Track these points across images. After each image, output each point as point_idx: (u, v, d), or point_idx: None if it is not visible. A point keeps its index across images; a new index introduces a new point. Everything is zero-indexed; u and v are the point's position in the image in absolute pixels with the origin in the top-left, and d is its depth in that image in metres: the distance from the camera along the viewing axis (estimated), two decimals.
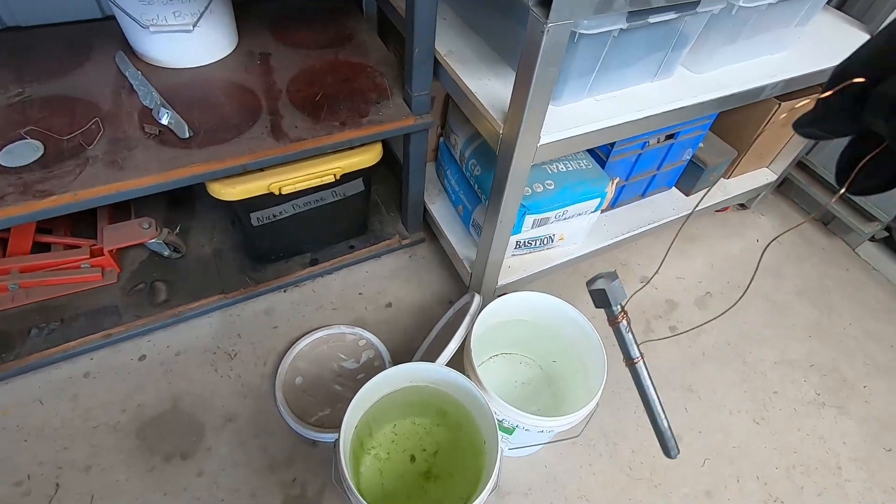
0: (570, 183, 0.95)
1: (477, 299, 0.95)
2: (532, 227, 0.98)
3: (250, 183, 0.87)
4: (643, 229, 1.19)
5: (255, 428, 0.94)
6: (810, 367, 1.15)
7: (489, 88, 0.81)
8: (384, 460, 0.89)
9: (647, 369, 0.61)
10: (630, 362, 0.60)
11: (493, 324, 0.94)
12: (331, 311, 1.12)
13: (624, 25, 0.68)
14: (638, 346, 0.59)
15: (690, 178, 1.23)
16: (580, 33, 0.67)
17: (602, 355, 0.83)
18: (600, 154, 1.03)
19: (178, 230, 1.09)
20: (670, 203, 1.24)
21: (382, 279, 1.19)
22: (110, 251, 1.01)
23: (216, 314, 1.08)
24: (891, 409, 1.09)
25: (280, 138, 0.84)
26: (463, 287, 1.16)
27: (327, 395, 0.98)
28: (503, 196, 0.80)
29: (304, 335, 1.06)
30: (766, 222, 1.46)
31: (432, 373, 0.80)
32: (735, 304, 1.24)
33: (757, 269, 1.30)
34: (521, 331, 0.97)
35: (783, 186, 1.51)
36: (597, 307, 0.59)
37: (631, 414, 1.03)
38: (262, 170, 0.88)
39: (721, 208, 1.41)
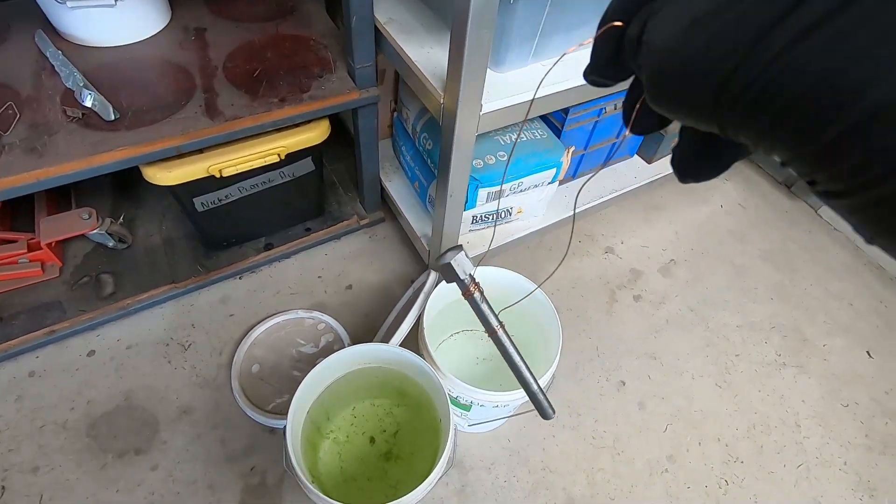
0: (524, 154, 0.92)
1: (432, 277, 0.93)
2: (487, 201, 0.95)
3: (188, 166, 0.83)
4: (605, 199, 1.17)
5: (211, 419, 0.92)
6: (772, 329, 1.16)
7: (432, 57, 0.78)
8: (343, 443, 0.87)
9: (508, 336, 0.60)
10: (491, 333, 0.59)
11: (452, 300, 0.92)
12: (289, 296, 1.09)
13: None
14: (496, 315, 0.58)
15: (651, 145, 1.22)
16: None
17: (557, 326, 0.82)
18: (556, 123, 1.01)
19: (122, 219, 1.05)
20: (632, 171, 1.23)
21: (342, 261, 1.16)
22: (49, 244, 0.96)
23: (169, 305, 1.05)
24: (848, 366, 1.11)
25: (215, 117, 0.80)
26: (424, 266, 1.14)
27: (285, 382, 0.96)
28: (450, 169, 0.77)
29: (260, 322, 1.03)
30: (731, 187, 1.45)
31: (385, 353, 0.79)
32: (699, 271, 1.24)
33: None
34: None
35: None
36: (448, 282, 0.58)
37: (594, 384, 1.03)
38: (200, 152, 0.84)
39: None
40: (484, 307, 0.57)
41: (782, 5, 0.12)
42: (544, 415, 0.59)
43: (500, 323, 0.58)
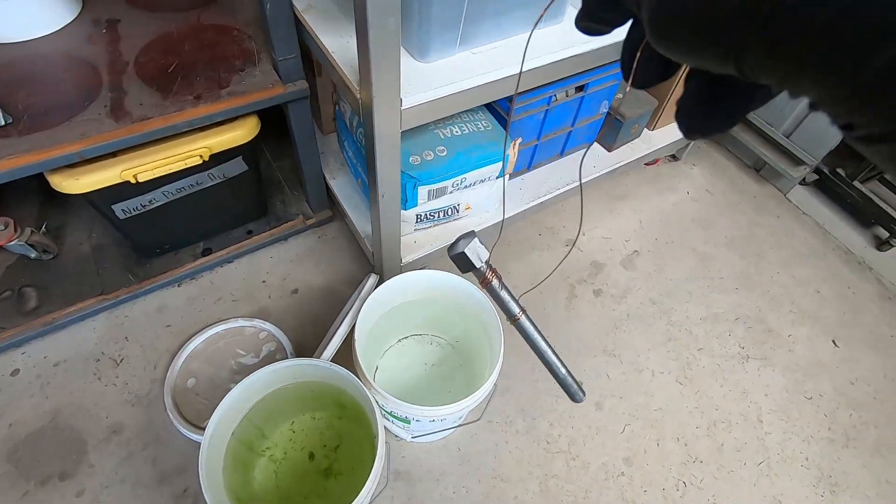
0: (465, 148, 0.87)
1: (371, 280, 0.88)
2: (430, 199, 0.90)
3: (98, 172, 0.77)
4: (563, 190, 1.12)
5: (143, 438, 0.87)
6: (736, 320, 1.12)
7: (350, 47, 0.72)
8: (280, 461, 0.83)
9: (531, 322, 0.55)
10: (513, 320, 0.54)
11: (398, 304, 0.87)
12: (231, 304, 1.04)
13: None
14: (517, 301, 0.54)
15: (611, 132, 1.16)
16: None
17: (497, 326, 0.77)
18: (502, 112, 0.95)
19: (44, 228, 0.98)
20: (591, 160, 1.18)
21: (288, 264, 1.10)
22: None
23: (100, 317, 0.99)
24: (813, 356, 1.08)
25: (121, 119, 0.74)
26: (372, 267, 1.09)
27: (222, 396, 0.91)
28: (376, 168, 0.72)
29: (198, 332, 0.97)
30: (699, 173, 1.41)
31: (312, 369, 0.74)
32: (662, 261, 1.20)
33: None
34: (428, 310, 0.91)
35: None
36: (464, 272, 0.53)
37: (550, 386, 0.99)
38: (113, 156, 0.78)
39: (650, 161, 1.36)
40: (504, 294, 0.53)
41: None
42: (573, 397, 0.56)
43: (522, 309, 0.53)
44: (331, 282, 1.09)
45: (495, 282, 0.52)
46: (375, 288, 0.82)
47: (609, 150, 1.20)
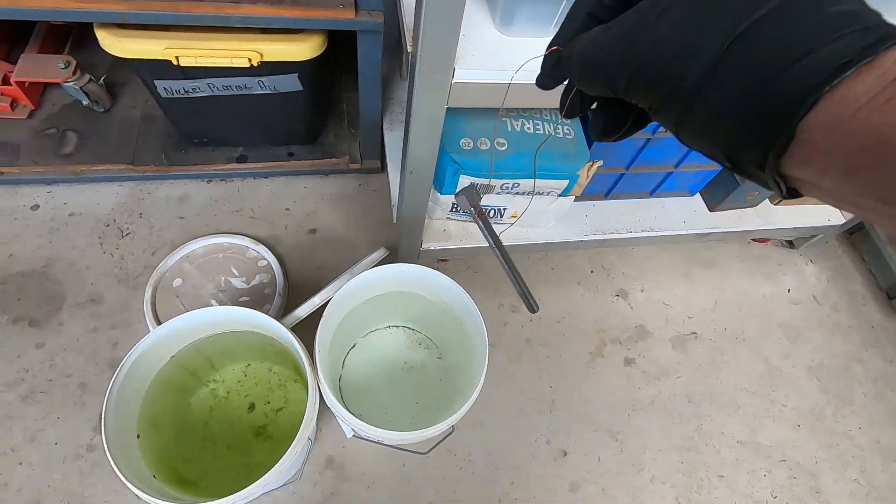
0: (530, 151, 0.72)
1: (377, 254, 0.78)
2: None
3: (141, 41, 0.72)
4: (636, 235, 0.94)
5: (114, 318, 0.86)
6: (780, 462, 0.92)
7: None
8: (221, 398, 0.78)
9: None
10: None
11: (392, 291, 0.77)
12: (247, 220, 0.99)
13: None
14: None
15: (720, 189, 0.95)
16: None
17: (483, 354, 0.65)
18: None
19: (102, 80, 0.97)
20: (683, 213, 0.98)
21: (318, 200, 1.03)
22: (20, 83, 0.90)
23: (126, 186, 0.98)
24: None
25: None
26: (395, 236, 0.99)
27: (200, 306, 0.87)
28: (409, 140, 0.60)
29: (204, 235, 0.94)
30: (813, 272, 1.15)
31: (269, 324, 0.66)
32: (721, 358, 1.00)
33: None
34: (425, 308, 0.80)
35: (856, 234, 1.18)
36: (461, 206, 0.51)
37: (530, 441, 0.87)
38: (162, 30, 0.72)
39: (759, 238, 1.12)
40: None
41: (625, 43, 0.19)
42: (530, 309, 0.51)
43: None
44: (353, 236, 1.00)
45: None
46: (379, 263, 0.72)
47: (710, 209, 0.99)
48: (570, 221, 0.92)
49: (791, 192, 0.16)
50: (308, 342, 0.64)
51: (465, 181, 0.74)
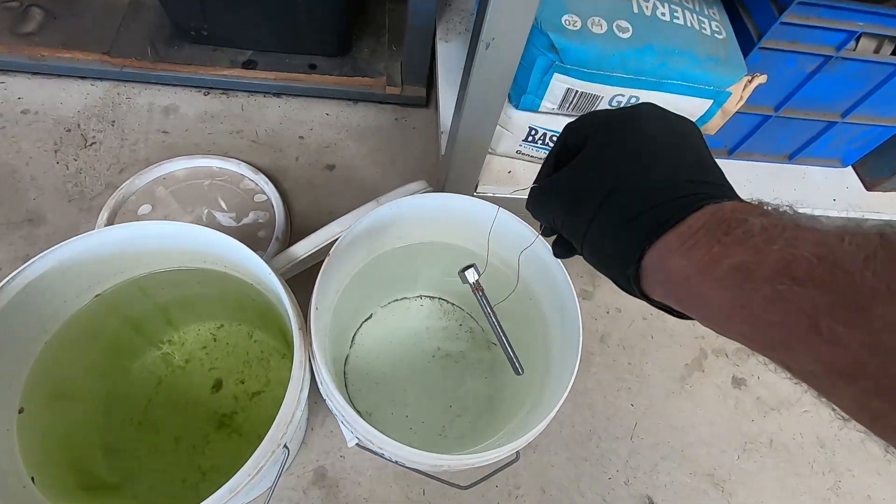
0: (665, 45, 0.48)
1: (417, 185, 0.54)
2: (564, 104, 0.53)
3: None
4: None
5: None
6: None
7: None
8: (175, 368, 0.55)
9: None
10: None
11: (434, 241, 0.54)
12: (248, 144, 0.76)
13: None
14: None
15: (890, 160, 0.69)
16: None
17: (573, 355, 0.41)
18: (749, 23, 0.54)
19: None
20: (832, 189, 0.72)
21: (342, 132, 0.80)
22: None
23: (100, 86, 0.77)
24: None
25: None
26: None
27: None
28: (487, 11, 0.36)
29: (190, 155, 0.71)
30: None
31: (245, 261, 0.43)
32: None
33: None
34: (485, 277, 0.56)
35: None
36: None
37: (604, 479, 0.62)
38: None
39: None
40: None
41: (544, 199, 0.25)
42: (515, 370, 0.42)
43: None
44: (380, 179, 0.77)
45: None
46: (420, 192, 0.49)
47: (869, 187, 0.73)
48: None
49: (661, 306, 0.21)
50: (304, 302, 0.40)
51: (557, 88, 0.50)
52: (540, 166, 0.28)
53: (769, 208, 0.17)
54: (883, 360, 0.12)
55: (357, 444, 0.49)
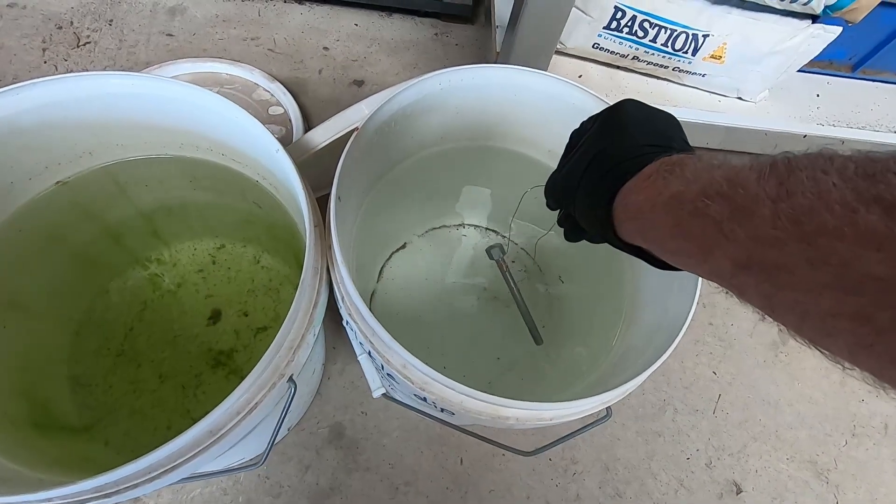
0: None
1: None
2: None
3: None
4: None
5: None
6: None
7: None
8: (164, 293, 0.45)
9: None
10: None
11: (488, 145, 0.42)
12: (265, 53, 0.66)
13: None
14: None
15: None
16: None
17: (689, 297, 0.29)
18: None
19: None
20: None
21: (374, 45, 0.69)
22: None
23: None
24: None
25: None
26: None
27: None
28: None
29: (197, 59, 0.61)
30: None
31: (253, 139, 0.32)
32: None
33: None
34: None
35: None
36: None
37: (680, 458, 0.50)
38: None
39: None
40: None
41: (550, 182, 0.28)
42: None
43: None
44: None
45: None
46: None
47: None
48: (789, 98, 0.54)
49: (634, 250, 0.23)
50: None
51: None
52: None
53: (717, 157, 0.19)
54: (762, 247, 0.15)
55: (384, 395, 0.38)
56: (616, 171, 0.23)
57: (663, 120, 0.25)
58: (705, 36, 0.45)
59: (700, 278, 0.32)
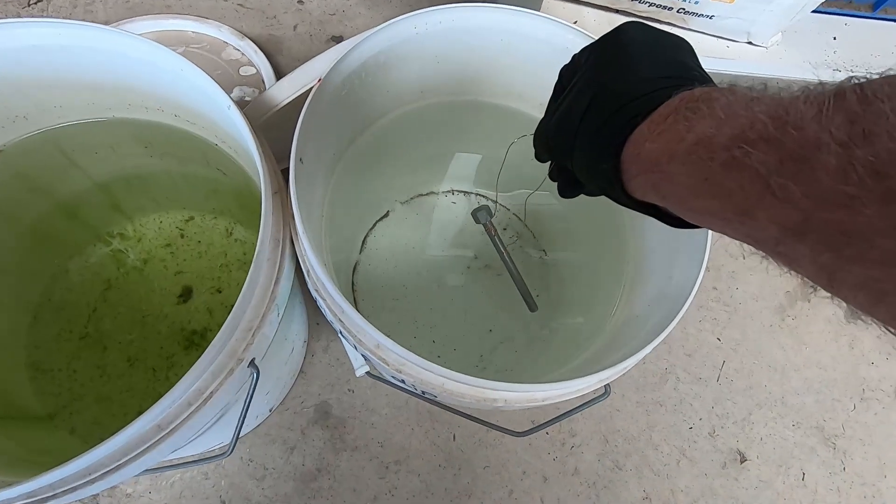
0: None
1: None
2: None
3: None
4: None
5: None
6: None
7: None
8: (130, 270, 0.42)
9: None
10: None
11: (477, 99, 0.38)
12: (234, 8, 0.60)
13: None
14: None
15: None
16: None
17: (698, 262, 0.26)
18: None
19: None
20: None
21: (353, 0, 0.63)
22: None
23: None
24: None
25: None
26: None
27: None
28: None
29: (161, 16, 0.56)
30: None
31: (206, 96, 0.28)
32: None
33: None
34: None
35: None
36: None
37: (682, 428, 0.48)
38: None
39: None
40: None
41: (540, 128, 0.24)
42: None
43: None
44: None
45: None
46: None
47: None
48: (803, 41, 0.50)
49: (645, 208, 0.20)
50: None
51: None
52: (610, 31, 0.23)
53: (755, 88, 0.15)
54: (825, 208, 0.12)
55: (367, 374, 0.35)
56: (623, 112, 0.18)
57: (676, 45, 0.20)
58: None
59: (709, 243, 0.29)
